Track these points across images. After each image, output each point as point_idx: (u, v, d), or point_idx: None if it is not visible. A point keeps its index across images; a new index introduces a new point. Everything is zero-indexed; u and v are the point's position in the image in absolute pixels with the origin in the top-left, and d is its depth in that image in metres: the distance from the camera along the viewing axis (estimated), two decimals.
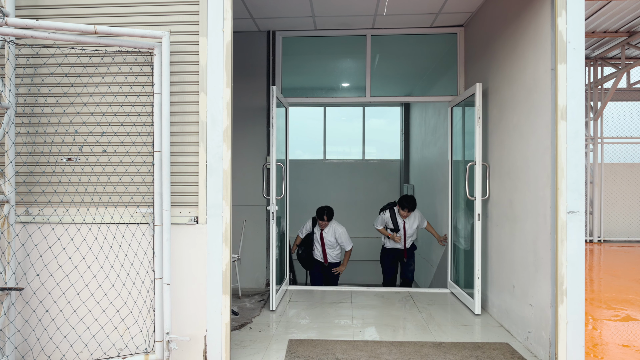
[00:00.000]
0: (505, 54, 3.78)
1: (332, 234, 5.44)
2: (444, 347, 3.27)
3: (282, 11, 4.71)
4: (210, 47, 2.79)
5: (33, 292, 2.77)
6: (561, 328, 2.78)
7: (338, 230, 5.44)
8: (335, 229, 5.44)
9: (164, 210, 2.67)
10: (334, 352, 3.14)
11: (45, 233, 2.77)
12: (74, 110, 2.82)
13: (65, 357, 2.78)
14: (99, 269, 2.79)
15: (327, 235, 5.43)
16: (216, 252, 2.80)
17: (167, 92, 2.65)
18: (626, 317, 4.06)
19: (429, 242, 6.61)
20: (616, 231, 8.73)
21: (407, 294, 4.86)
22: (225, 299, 2.81)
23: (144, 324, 2.80)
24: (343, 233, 5.46)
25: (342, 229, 5.47)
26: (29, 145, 2.83)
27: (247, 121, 5.22)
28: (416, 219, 5.52)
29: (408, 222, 5.49)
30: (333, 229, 5.43)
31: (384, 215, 5.58)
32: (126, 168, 2.82)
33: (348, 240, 5.48)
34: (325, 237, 5.42)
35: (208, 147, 2.79)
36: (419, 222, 5.53)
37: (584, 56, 2.72)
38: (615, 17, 6.43)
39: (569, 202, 2.78)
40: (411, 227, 5.50)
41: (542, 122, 3.09)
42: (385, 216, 5.57)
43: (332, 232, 5.44)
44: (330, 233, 5.44)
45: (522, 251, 3.42)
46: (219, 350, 2.80)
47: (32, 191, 2.83)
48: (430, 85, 5.76)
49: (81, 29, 2.51)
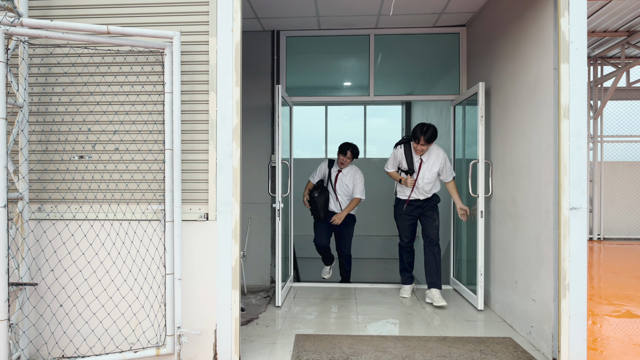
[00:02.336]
0: (508, 53, 3.84)
1: (350, 177, 4.74)
2: (448, 341, 3.33)
3: (287, 11, 4.77)
4: (220, 47, 2.84)
5: (47, 287, 2.83)
6: (564, 322, 2.84)
7: (357, 175, 4.75)
8: (355, 174, 4.74)
9: (174, 207, 2.72)
10: (341, 346, 3.20)
11: (59, 229, 2.83)
12: (86, 109, 2.88)
13: (79, 351, 2.84)
14: (111, 265, 2.85)
15: (344, 177, 4.71)
16: (226, 248, 2.86)
17: (177, 91, 2.71)
18: (626, 312, 4.13)
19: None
20: (616, 229, 8.81)
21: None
22: (235, 294, 2.87)
23: (155, 318, 2.86)
24: (362, 180, 4.75)
25: (362, 176, 4.78)
26: (42, 144, 2.89)
27: (252, 120, 5.28)
28: (437, 160, 4.25)
29: (426, 162, 4.25)
30: (353, 173, 4.74)
31: (397, 152, 4.35)
32: (138, 166, 2.87)
33: (363, 190, 4.75)
34: (342, 180, 4.69)
35: (218, 145, 2.85)
36: (441, 164, 4.25)
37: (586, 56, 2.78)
38: (615, 17, 6.50)
39: (571, 199, 2.84)
40: (430, 170, 4.24)
41: (544, 120, 3.15)
42: (399, 153, 4.34)
43: (350, 176, 4.74)
44: (349, 176, 4.74)
45: (524, 247, 3.48)
46: (229, 344, 2.86)
47: (46, 188, 2.88)
48: (432, 84, 5.82)
49: (94, 29, 2.57)
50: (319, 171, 4.96)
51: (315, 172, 5.02)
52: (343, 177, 4.66)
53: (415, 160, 4.28)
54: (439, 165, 4.25)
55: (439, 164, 4.25)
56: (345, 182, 4.66)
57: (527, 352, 3.12)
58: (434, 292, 4.28)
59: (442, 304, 4.15)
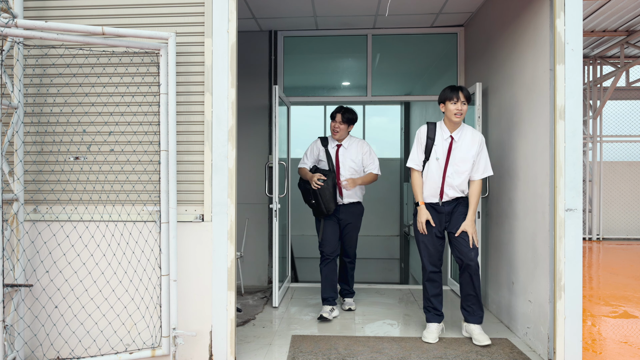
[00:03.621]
0: (505, 54, 3.83)
1: (357, 150, 3.80)
2: (444, 342, 3.33)
3: (284, 11, 4.76)
4: (215, 48, 2.84)
5: (42, 288, 2.83)
6: (559, 323, 2.84)
7: (365, 147, 3.81)
8: (363, 145, 3.83)
9: (170, 208, 2.72)
10: (337, 347, 3.20)
11: (54, 231, 2.83)
12: (82, 110, 2.87)
13: (74, 352, 2.84)
14: (106, 266, 2.85)
15: (348, 153, 3.76)
16: (221, 249, 2.86)
17: (173, 92, 2.71)
18: (624, 313, 4.12)
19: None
20: (615, 229, 8.81)
21: (408, 291, 4.92)
22: (231, 295, 2.87)
23: (150, 319, 2.86)
24: (372, 151, 3.85)
25: (371, 148, 3.87)
26: (37, 145, 2.88)
27: (250, 120, 5.28)
28: (474, 140, 3.20)
29: (458, 141, 3.18)
30: (359, 144, 3.83)
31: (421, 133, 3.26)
32: (133, 167, 2.87)
33: (377, 164, 3.84)
34: (345, 155, 3.73)
35: (213, 146, 2.84)
36: (477, 147, 3.19)
37: (582, 57, 2.77)
38: (614, 17, 6.49)
39: (567, 200, 2.83)
40: (468, 151, 3.17)
41: (540, 121, 3.15)
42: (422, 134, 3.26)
43: (356, 149, 3.81)
44: (354, 149, 3.80)
45: (521, 248, 3.47)
46: (225, 345, 2.86)
47: (41, 189, 2.88)
48: (430, 84, 5.81)
49: (89, 30, 2.57)
50: (310, 153, 3.88)
51: (304, 155, 3.91)
52: (346, 152, 3.73)
53: (445, 139, 3.20)
54: (475, 147, 3.19)
55: (476, 145, 3.19)
56: (351, 157, 3.71)
57: (523, 354, 3.12)
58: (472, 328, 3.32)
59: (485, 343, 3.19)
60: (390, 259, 9.48)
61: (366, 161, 3.84)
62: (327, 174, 3.73)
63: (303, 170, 3.91)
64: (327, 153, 3.82)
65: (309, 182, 3.77)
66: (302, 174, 3.91)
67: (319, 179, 3.66)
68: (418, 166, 3.28)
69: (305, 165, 3.92)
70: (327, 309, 3.84)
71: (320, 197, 3.69)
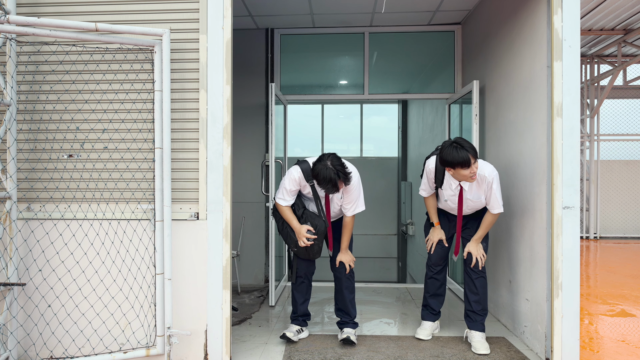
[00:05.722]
0: (502, 51, 3.82)
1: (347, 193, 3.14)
2: (441, 341, 3.31)
3: (281, 9, 4.73)
4: (210, 45, 2.81)
5: (35, 287, 2.80)
6: (557, 321, 2.82)
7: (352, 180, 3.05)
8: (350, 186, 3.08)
9: (164, 207, 2.69)
10: (333, 346, 3.18)
11: (47, 229, 2.80)
12: (75, 107, 2.84)
13: (68, 352, 2.81)
14: (100, 265, 2.82)
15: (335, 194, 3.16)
16: (217, 247, 2.83)
17: (167, 89, 2.68)
18: (621, 312, 4.11)
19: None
20: (612, 228, 8.81)
21: (405, 290, 4.90)
22: (226, 294, 2.84)
23: (145, 318, 2.83)
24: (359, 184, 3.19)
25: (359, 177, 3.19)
26: (30, 142, 2.85)
27: (246, 118, 5.25)
28: (482, 184, 3.06)
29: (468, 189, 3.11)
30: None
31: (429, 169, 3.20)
32: (127, 165, 2.84)
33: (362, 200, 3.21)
34: (333, 197, 3.18)
35: (208, 143, 2.82)
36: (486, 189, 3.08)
37: (580, 54, 2.76)
38: (612, 15, 6.48)
39: (564, 198, 2.82)
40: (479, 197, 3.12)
41: (538, 118, 3.13)
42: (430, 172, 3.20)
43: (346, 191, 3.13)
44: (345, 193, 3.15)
45: (518, 246, 3.46)
46: (220, 344, 2.83)
47: (34, 187, 2.85)
48: (427, 83, 5.79)
49: (82, 26, 2.54)
50: (290, 188, 3.12)
51: (283, 189, 3.14)
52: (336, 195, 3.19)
53: (454, 189, 3.13)
54: (485, 192, 3.10)
55: (485, 191, 3.09)
56: (337, 196, 3.17)
57: (521, 352, 3.11)
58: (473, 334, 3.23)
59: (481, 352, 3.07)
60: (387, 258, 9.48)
61: (352, 197, 3.15)
62: (317, 225, 3.13)
63: (283, 209, 3.15)
64: (314, 193, 3.15)
65: (289, 224, 3.18)
66: (282, 214, 3.18)
67: (309, 238, 3.10)
68: (429, 193, 3.32)
69: (286, 203, 3.14)
70: (294, 329, 3.34)
71: (307, 251, 3.19)
